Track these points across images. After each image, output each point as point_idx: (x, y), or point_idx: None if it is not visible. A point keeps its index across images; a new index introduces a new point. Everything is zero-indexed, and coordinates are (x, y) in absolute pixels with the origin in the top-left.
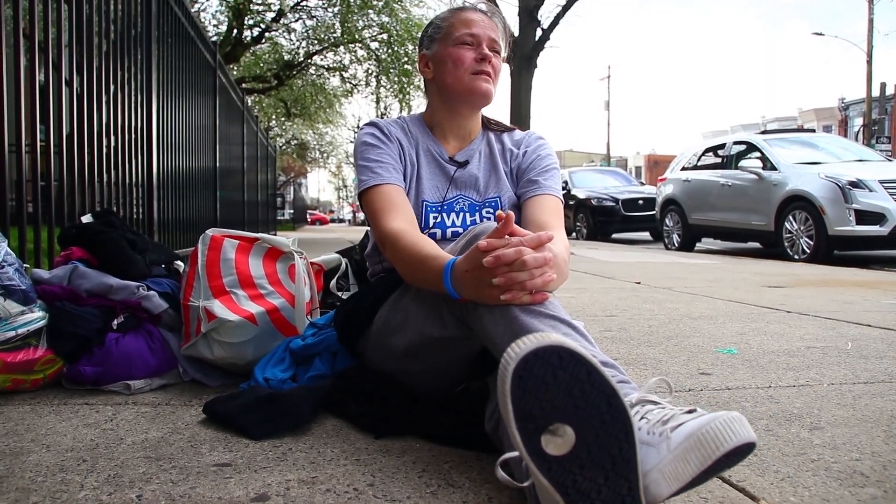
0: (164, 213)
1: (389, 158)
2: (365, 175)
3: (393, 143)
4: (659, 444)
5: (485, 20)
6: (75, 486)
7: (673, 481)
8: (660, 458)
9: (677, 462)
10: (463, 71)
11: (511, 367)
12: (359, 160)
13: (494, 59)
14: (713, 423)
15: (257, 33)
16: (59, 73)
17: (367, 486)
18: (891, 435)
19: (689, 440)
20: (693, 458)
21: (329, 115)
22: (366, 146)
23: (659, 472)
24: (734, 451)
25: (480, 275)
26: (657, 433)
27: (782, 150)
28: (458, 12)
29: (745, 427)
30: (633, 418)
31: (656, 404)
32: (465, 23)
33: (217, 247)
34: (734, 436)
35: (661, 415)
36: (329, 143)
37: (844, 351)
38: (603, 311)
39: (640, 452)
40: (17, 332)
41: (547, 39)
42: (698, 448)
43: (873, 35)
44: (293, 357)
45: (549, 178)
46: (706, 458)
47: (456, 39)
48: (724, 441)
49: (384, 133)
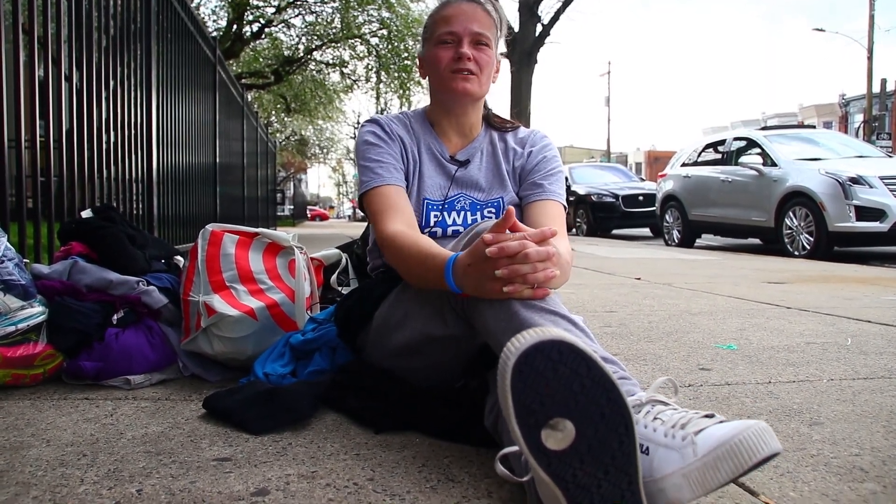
0: (163, 208)
1: (390, 158)
2: (366, 176)
3: (394, 142)
4: (682, 448)
5: (467, 11)
6: (75, 480)
7: (698, 487)
8: (684, 462)
9: (707, 469)
10: (442, 70)
11: (511, 362)
12: (360, 160)
13: (477, 52)
14: (747, 433)
15: (257, 29)
16: (59, 68)
17: (367, 481)
18: (890, 430)
19: (720, 448)
20: (725, 466)
21: (329, 110)
22: (367, 145)
23: (683, 477)
24: (761, 461)
25: (483, 268)
26: (679, 437)
27: (782, 146)
28: (441, 8)
29: (774, 438)
30: (643, 417)
31: (667, 405)
32: (445, 20)
33: (217, 242)
34: (765, 447)
35: (678, 417)
36: (329, 139)
37: (844, 347)
38: (603, 307)
39: (656, 453)
40: (17, 327)
41: (547, 35)
42: (731, 457)
43: (874, 31)
44: (293, 352)
45: (554, 182)
46: (738, 468)
47: (436, 39)
48: (757, 452)
49: (385, 131)
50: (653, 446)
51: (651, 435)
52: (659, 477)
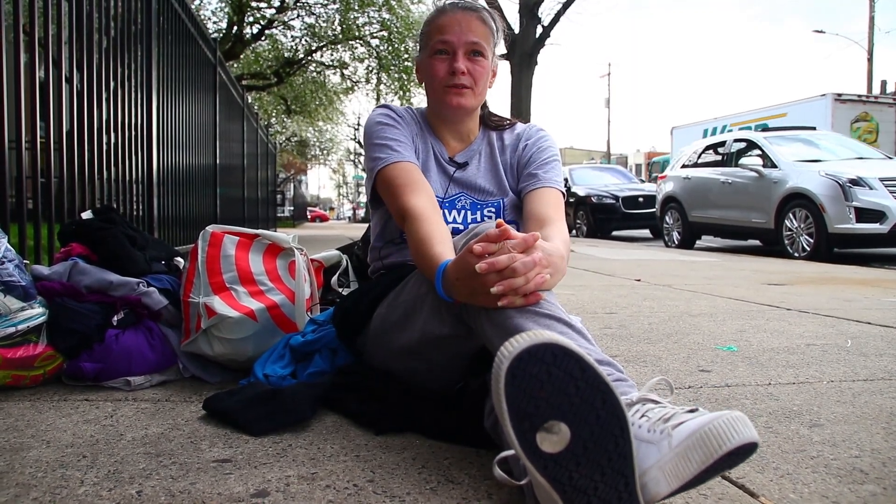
0: (164, 209)
1: (405, 138)
2: (383, 153)
3: (407, 126)
4: (660, 441)
5: (463, 21)
6: (75, 481)
7: (673, 479)
8: (660, 455)
9: (678, 460)
10: (437, 84)
11: (505, 366)
12: (374, 139)
13: (472, 64)
14: (716, 422)
15: (257, 30)
16: (60, 69)
17: (367, 482)
18: (890, 432)
19: (690, 438)
20: (695, 456)
21: (329, 112)
22: (380, 125)
23: (659, 470)
24: (736, 451)
25: (472, 282)
26: (658, 431)
27: (782, 147)
28: (437, 16)
29: (748, 427)
30: (632, 416)
31: (657, 403)
32: (440, 28)
33: (217, 243)
34: (736, 435)
35: (661, 413)
36: (329, 140)
37: (844, 348)
38: (603, 308)
39: (638, 449)
40: (17, 329)
41: (547, 37)
42: (700, 446)
43: (874, 33)
44: (293, 353)
45: (549, 170)
46: (707, 457)
47: (431, 49)
48: (727, 440)
49: (398, 115)
50: (636, 443)
51: (636, 432)
52: (641, 472)
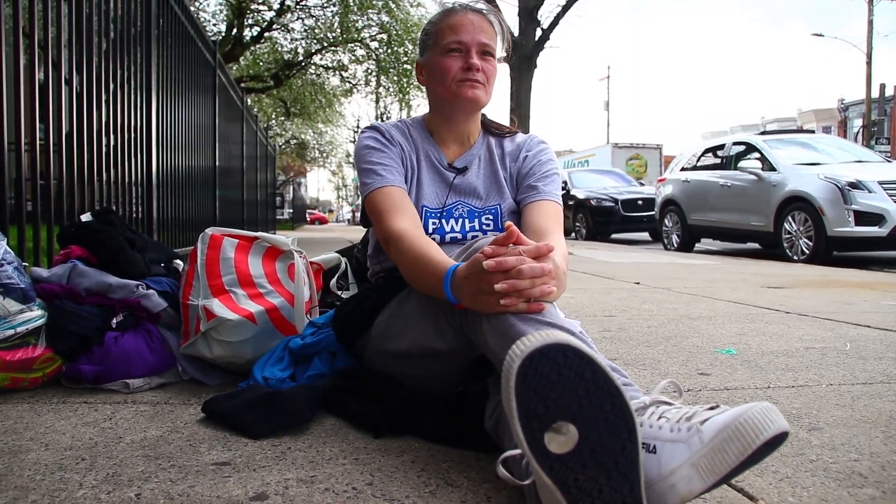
0: (163, 211)
1: (392, 161)
2: (369, 178)
3: (394, 147)
4: (689, 438)
5: (475, 21)
6: (74, 484)
7: (709, 475)
8: (691, 452)
9: (714, 454)
10: (450, 80)
11: (516, 364)
12: (362, 164)
13: (484, 63)
14: (749, 412)
15: (257, 32)
16: (59, 71)
17: (366, 486)
18: (889, 436)
19: (725, 431)
20: (732, 448)
21: (328, 114)
22: (368, 149)
23: (692, 467)
24: (771, 441)
25: (479, 281)
26: (684, 429)
27: (781, 150)
28: (446, 16)
29: (780, 416)
30: (648, 418)
31: (671, 405)
32: (453, 29)
33: (216, 246)
34: (772, 424)
35: (682, 412)
36: (329, 143)
37: (843, 352)
38: (602, 311)
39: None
40: (16, 331)
41: (547, 39)
42: (737, 438)
43: (873, 36)
44: (292, 356)
45: (549, 183)
46: (746, 448)
47: (444, 48)
48: (764, 430)
49: (385, 137)
50: (659, 444)
51: (657, 433)
52: (668, 472)
